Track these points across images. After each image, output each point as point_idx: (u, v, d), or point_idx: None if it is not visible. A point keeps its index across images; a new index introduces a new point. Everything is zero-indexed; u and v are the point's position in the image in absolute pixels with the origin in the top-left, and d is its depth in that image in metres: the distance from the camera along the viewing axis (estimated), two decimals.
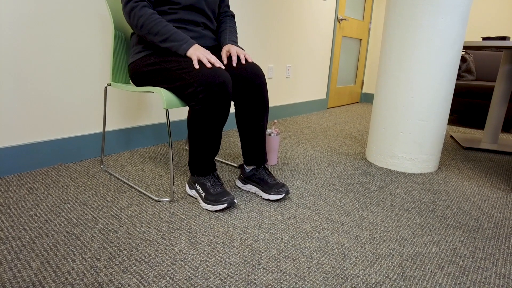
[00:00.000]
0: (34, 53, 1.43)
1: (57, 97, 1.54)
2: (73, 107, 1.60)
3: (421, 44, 1.58)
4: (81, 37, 1.56)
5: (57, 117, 1.55)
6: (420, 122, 1.66)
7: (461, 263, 0.97)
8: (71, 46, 1.54)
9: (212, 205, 1.20)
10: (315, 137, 2.39)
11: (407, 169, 1.73)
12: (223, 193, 1.22)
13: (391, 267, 0.94)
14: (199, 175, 1.27)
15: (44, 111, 1.51)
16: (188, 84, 1.12)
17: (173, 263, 0.91)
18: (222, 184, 1.28)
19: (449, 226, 1.18)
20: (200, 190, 1.25)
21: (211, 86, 1.09)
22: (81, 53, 1.58)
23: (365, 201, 1.36)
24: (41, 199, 1.24)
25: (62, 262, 0.89)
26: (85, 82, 1.62)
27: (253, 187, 1.37)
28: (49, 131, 1.54)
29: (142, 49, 1.29)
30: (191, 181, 1.31)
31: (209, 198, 1.21)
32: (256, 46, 2.58)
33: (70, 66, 1.55)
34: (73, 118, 1.61)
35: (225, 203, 1.19)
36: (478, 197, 1.45)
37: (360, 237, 1.09)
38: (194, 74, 1.11)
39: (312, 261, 0.95)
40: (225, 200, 1.19)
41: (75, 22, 1.53)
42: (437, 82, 1.61)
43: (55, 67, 1.50)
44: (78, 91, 1.60)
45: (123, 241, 1.00)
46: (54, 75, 1.51)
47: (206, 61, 1.13)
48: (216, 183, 1.26)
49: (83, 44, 1.58)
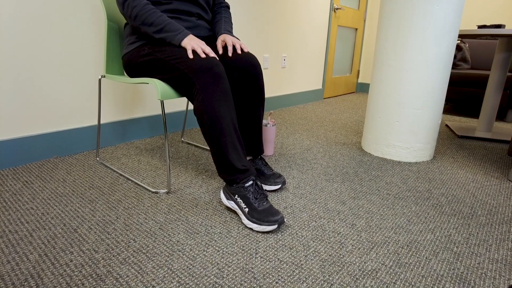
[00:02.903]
0: (27, 45, 1.41)
1: (51, 90, 1.52)
2: (67, 100, 1.59)
3: (417, 33, 1.58)
4: (74, 28, 1.54)
5: (52, 110, 1.54)
6: (416, 111, 1.67)
7: (455, 249, 0.99)
8: (64, 37, 1.52)
9: (260, 225, 1.02)
10: (311, 127, 2.39)
11: (402, 158, 1.74)
12: (271, 210, 1.05)
13: (387, 254, 0.95)
14: (238, 183, 1.10)
15: (39, 104, 1.50)
16: (182, 74, 1.11)
17: (171, 253, 0.92)
18: (267, 197, 1.12)
19: (444, 214, 1.20)
20: (242, 203, 1.07)
21: (206, 75, 1.08)
22: (75, 45, 1.56)
23: (361, 190, 1.37)
24: (37, 192, 1.23)
25: (60, 255, 0.89)
26: (80, 74, 1.61)
27: None
28: (44, 124, 1.53)
29: (135, 39, 1.27)
30: (228, 190, 1.13)
31: (255, 216, 1.04)
32: (251, 36, 2.56)
33: (64, 58, 1.53)
34: (68, 111, 1.60)
35: (274, 224, 1.02)
36: (473, 184, 1.46)
37: (356, 226, 1.10)
38: (189, 64, 1.10)
39: (309, 249, 0.96)
40: (275, 220, 1.02)
41: (67, 13, 1.51)
42: (433, 70, 1.61)
43: (48, 60, 1.48)
44: (72, 83, 1.59)
45: (120, 232, 1.01)
46: (48, 67, 1.49)
47: (201, 51, 1.12)
48: (260, 196, 1.09)
49: (76, 35, 1.56)
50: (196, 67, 1.09)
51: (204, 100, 1.09)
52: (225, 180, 1.12)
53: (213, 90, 1.09)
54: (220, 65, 1.12)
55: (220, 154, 1.09)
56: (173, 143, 1.89)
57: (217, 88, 1.09)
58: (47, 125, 1.54)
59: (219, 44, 1.29)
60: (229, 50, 1.26)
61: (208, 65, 1.09)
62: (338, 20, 3.64)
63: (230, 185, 1.11)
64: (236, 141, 1.10)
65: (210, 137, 1.10)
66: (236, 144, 1.10)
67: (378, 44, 1.75)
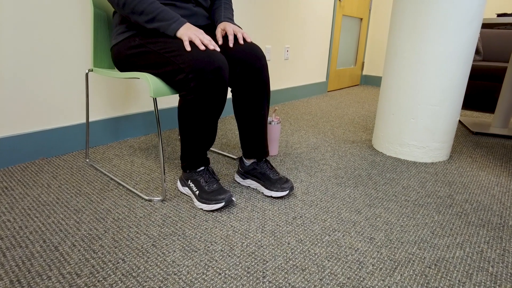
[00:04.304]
0: (7, 40, 1.26)
1: (36, 86, 1.38)
2: (54, 96, 1.45)
3: (436, 22, 1.43)
4: (57, 17, 1.39)
5: (37, 107, 1.40)
6: (433, 108, 1.53)
7: (490, 269, 0.87)
8: (47, 28, 1.37)
9: (208, 204, 1.07)
10: (316, 123, 2.26)
11: (417, 158, 1.61)
12: (219, 191, 1.09)
13: (413, 276, 0.83)
14: (191, 170, 1.15)
15: (23, 100, 1.36)
16: (178, 69, 0.97)
17: (165, 277, 0.79)
18: (218, 180, 1.16)
19: (470, 224, 1.07)
20: (194, 187, 1.12)
21: (205, 72, 0.95)
22: (60, 36, 1.41)
23: (376, 195, 1.24)
24: (16, 200, 1.11)
25: (35, 280, 0.76)
26: (66, 68, 1.46)
27: (254, 183, 1.24)
28: (28, 122, 1.39)
29: (125, 29, 1.13)
30: (183, 177, 1.18)
31: (204, 196, 1.09)
32: (253, 25, 2.40)
33: (48, 51, 1.39)
34: (55, 108, 1.46)
35: (221, 201, 1.07)
36: (497, 188, 1.34)
37: (375, 240, 0.97)
38: (185, 58, 0.96)
39: (324, 271, 0.84)
40: (222, 198, 1.07)
41: (49, 1, 1.36)
42: (453, 63, 1.47)
43: (31, 53, 1.34)
44: (59, 78, 1.45)
45: (108, 250, 0.88)
46: (31, 61, 1.35)
47: (199, 43, 0.98)
48: (211, 179, 1.13)
49: (60, 25, 1.41)
50: (193, 62, 0.95)
51: (194, 104, 1.00)
52: (181, 167, 1.17)
53: (208, 94, 0.98)
54: (222, 60, 0.98)
55: (186, 147, 1.12)
56: (170, 141, 1.76)
57: (212, 94, 0.99)
58: (31, 123, 1.40)
59: (219, 33, 1.15)
60: (230, 40, 1.12)
61: (208, 60, 0.95)
62: (342, 10, 3.48)
63: (184, 171, 1.17)
64: (206, 142, 1.12)
65: (182, 132, 1.10)
66: (204, 144, 1.12)
67: (392, 34, 1.61)
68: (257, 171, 1.23)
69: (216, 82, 0.97)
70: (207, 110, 1.02)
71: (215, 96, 1.00)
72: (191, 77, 0.95)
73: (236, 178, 1.31)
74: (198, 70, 0.94)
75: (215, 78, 0.97)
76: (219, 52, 1.00)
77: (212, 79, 0.96)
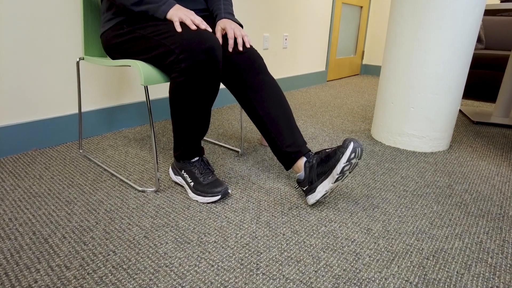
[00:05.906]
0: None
1: (27, 75, 1.35)
2: (46, 86, 1.42)
3: (437, 8, 1.39)
4: (46, 4, 1.35)
5: (28, 97, 1.37)
6: (433, 96, 1.50)
7: (489, 260, 0.85)
8: (36, 16, 1.33)
9: (204, 197, 1.06)
10: (315, 113, 2.23)
11: (417, 148, 1.59)
12: (215, 183, 1.08)
13: (411, 268, 0.81)
14: (185, 160, 1.12)
15: (13, 91, 1.32)
16: (168, 51, 0.93)
17: (156, 269, 0.77)
18: (213, 172, 1.13)
19: (470, 214, 1.05)
20: (188, 178, 1.10)
21: (196, 52, 0.90)
22: (49, 24, 1.37)
23: (374, 185, 1.22)
24: (7, 192, 1.08)
25: (23, 273, 0.75)
26: (58, 56, 1.43)
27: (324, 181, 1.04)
28: (20, 112, 1.36)
29: (112, 16, 1.08)
30: (176, 166, 1.15)
31: (200, 188, 1.07)
32: (251, 13, 2.35)
33: (38, 39, 1.35)
34: (48, 98, 1.43)
35: (218, 194, 1.05)
36: (497, 178, 1.31)
37: (372, 230, 0.95)
38: (176, 38, 0.92)
39: (320, 262, 0.82)
40: (218, 191, 1.05)
41: None
42: (454, 51, 1.44)
43: (20, 41, 1.30)
44: (50, 67, 1.41)
45: (99, 242, 0.86)
46: (21, 50, 1.31)
47: (190, 23, 0.94)
48: (206, 171, 1.11)
49: (50, 12, 1.37)
50: (184, 42, 0.91)
51: (185, 86, 0.95)
52: (174, 156, 1.14)
53: (200, 76, 0.93)
54: (215, 40, 0.94)
55: (178, 136, 1.07)
56: (166, 131, 1.73)
57: (204, 75, 0.94)
58: (23, 114, 1.38)
59: (219, 32, 1.12)
60: (230, 45, 1.09)
61: (200, 39, 0.91)
62: None
63: (178, 160, 1.13)
64: (199, 131, 1.06)
65: (174, 120, 1.04)
66: (197, 133, 1.06)
67: (392, 21, 1.57)
68: (313, 166, 1.06)
69: (208, 63, 0.92)
70: (199, 94, 0.96)
71: (208, 78, 0.95)
72: (182, 58, 0.91)
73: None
74: (189, 50, 0.90)
75: (208, 59, 0.92)
76: (211, 32, 0.96)
77: (204, 59, 0.91)
